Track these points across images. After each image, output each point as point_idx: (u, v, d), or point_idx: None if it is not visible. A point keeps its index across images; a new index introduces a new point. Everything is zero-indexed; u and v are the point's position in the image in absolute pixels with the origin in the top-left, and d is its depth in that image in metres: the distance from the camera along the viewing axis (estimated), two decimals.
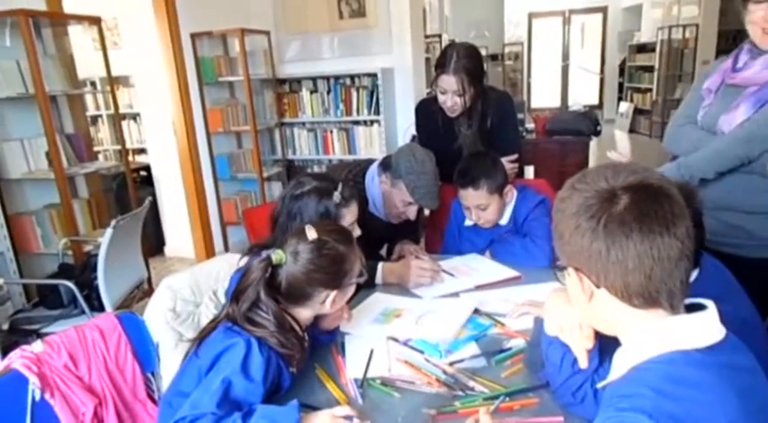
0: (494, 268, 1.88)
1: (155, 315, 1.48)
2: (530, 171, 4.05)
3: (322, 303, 1.24)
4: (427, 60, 5.25)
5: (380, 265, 1.84)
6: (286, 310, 1.20)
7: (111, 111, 3.72)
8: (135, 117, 5.23)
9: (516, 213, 2.03)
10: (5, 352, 1.74)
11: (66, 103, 3.23)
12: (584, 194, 0.82)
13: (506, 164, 2.17)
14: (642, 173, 0.82)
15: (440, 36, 7.38)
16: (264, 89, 4.64)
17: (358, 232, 1.58)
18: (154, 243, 4.46)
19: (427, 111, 2.32)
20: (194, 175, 4.22)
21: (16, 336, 2.47)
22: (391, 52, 4.41)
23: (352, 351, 1.37)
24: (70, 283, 2.43)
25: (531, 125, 4.59)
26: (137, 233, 2.80)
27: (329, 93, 4.50)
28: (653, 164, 1.69)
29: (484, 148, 2.26)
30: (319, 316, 1.31)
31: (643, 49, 9.74)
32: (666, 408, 0.70)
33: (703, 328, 0.80)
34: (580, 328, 1.00)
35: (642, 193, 0.79)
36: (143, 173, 4.75)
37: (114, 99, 3.37)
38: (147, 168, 4.70)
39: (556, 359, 1.07)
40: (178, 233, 4.51)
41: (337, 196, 1.54)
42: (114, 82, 3.40)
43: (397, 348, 1.38)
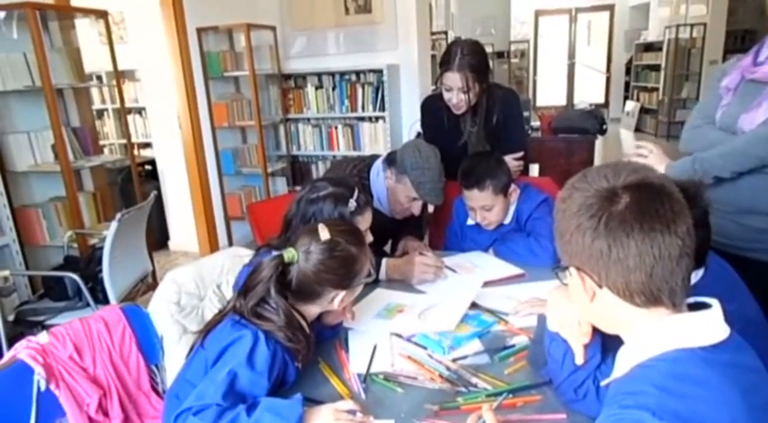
0: (497, 265, 1.87)
1: (159, 308, 1.49)
2: (535, 169, 4.03)
3: (330, 302, 1.25)
4: (433, 57, 5.23)
5: (384, 261, 1.84)
6: (294, 307, 1.21)
7: (117, 105, 3.76)
8: (140, 111, 5.24)
9: (519, 212, 2.01)
10: (11, 343, 1.76)
11: (73, 97, 3.24)
12: (585, 194, 0.82)
13: (512, 161, 2.16)
14: (643, 172, 0.82)
15: (446, 33, 7.37)
16: (270, 84, 4.64)
17: (370, 238, 1.55)
18: (158, 237, 4.48)
19: (433, 107, 2.32)
20: (199, 169, 4.23)
21: (22, 327, 2.48)
22: (397, 49, 4.40)
23: (355, 346, 1.38)
24: (75, 276, 2.45)
25: (536, 123, 4.57)
26: (141, 227, 2.81)
27: (334, 89, 4.49)
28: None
29: (489, 144, 2.25)
30: (323, 312, 1.31)
31: (650, 47, 9.69)
32: (670, 405, 0.71)
33: (708, 327, 0.79)
34: (579, 325, 1.00)
35: (643, 191, 0.79)
36: (148, 167, 4.77)
37: (120, 93, 3.38)
38: (152, 162, 4.72)
39: (558, 356, 1.07)
40: (182, 227, 4.53)
41: (353, 204, 1.53)
42: (120, 76, 3.41)
43: (401, 344, 1.38)
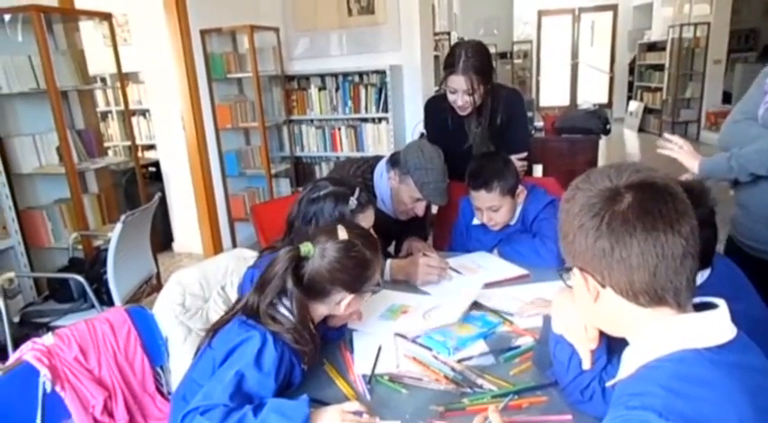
0: (502, 266, 1.87)
1: (164, 309, 1.49)
2: (538, 170, 4.02)
3: (337, 304, 1.25)
4: (436, 58, 5.24)
5: (389, 261, 1.83)
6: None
7: (121, 107, 3.75)
8: (144, 113, 5.25)
9: (525, 213, 2.01)
10: (17, 344, 1.76)
11: (77, 99, 3.25)
12: (588, 194, 0.82)
13: (515, 161, 2.16)
14: (646, 172, 0.82)
15: (449, 34, 7.36)
16: (273, 86, 4.65)
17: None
18: (162, 238, 4.48)
19: (436, 108, 2.32)
20: (203, 171, 4.24)
21: (27, 329, 2.49)
22: (400, 49, 4.40)
23: (360, 347, 1.38)
24: (80, 277, 2.45)
25: (539, 123, 4.57)
26: (146, 228, 2.82)
27: (337, 90, 4.50)
28: (663, 164, 1.66)
29: (493, 145, 2.25)
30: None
31: (653, 47, 9.67)
32: (677, 406, 0.70)
33: (714, 327, 0.79)
34: (585, 330, 0.99)
35: (646, 191, 0.79)
36: (152, 169, 4.78)
37: (124, 95, 3.39)
38: (156, 164, 4.73)
39: (563, 357, 1.06)
40: (186, 229, 4.54)
41: (353, 202, 1.53)
42: (124, 78, 3.41)
43: (406, 345, 1.38)
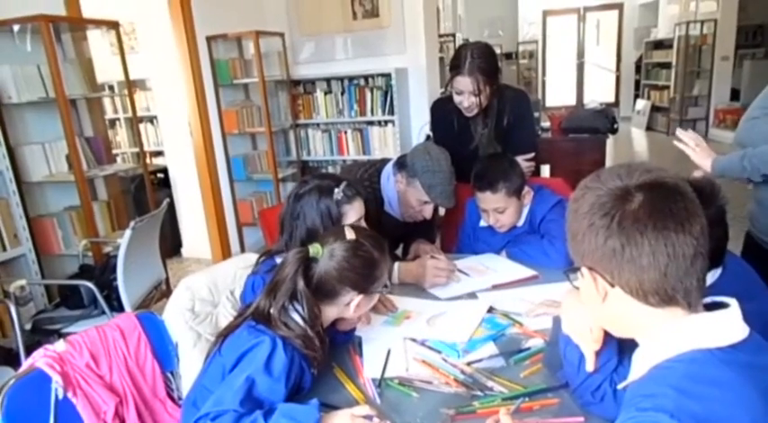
0: (510, 268, 1.86)
1: (174, 315, 1.50)
2: (545, 170, 4.00)
3: (346, 305, 1.24)
4: (441, 60, 5.24)
5: (397, 264, 1.83)
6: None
7: (129, 114, 3.78)
8: (152, 120, 5.30)
9: (532, 214, 2.00)
10: (29, 351, 1.77)
11: (86, 107, 3.28)
12: (598, 193, 0.82)
13: (523, 162, 2.15)
14: (656, 172, 0.82)
15: (453, 35, 7.36)
16: (279, 91, 4.66)
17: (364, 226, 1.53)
18: (171, 244, 4.51)
19: (442, 110, 2.31)
20: (210, 176, 4.26)
21: (39, 335, 2.51)
22: (405, 52, 4.41)
23: (369, 351, 1.37)
24: (91, 284, 2.47)
25: (546, 123, 4.55)
26: (155, 234, 2.84)
27: (343, 93, 4.51)
28: (671, 162, 1.64)
29: (500, 146, 2.24)
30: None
31: (660, 45, 9.62)
32: (689, 407, 0.70)
33: (725, 327, 0.79)
34: (590, 331, 0.99)
35: (656, 191, 0.79)
36: (160, 175, 4.81)
37: (132, 102, 3.41)
38: (164, 170, 4.76)
39: (574, 359, 1.06)
40: (195, 234, 4.56)
41: (338, 193, 1.51)
42: (132, 85, 3.44)
43: (415, 348, 1.38)
